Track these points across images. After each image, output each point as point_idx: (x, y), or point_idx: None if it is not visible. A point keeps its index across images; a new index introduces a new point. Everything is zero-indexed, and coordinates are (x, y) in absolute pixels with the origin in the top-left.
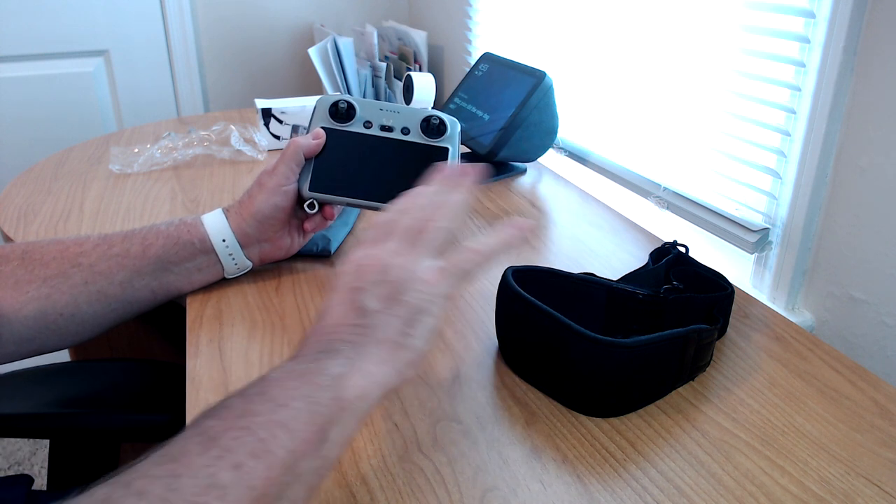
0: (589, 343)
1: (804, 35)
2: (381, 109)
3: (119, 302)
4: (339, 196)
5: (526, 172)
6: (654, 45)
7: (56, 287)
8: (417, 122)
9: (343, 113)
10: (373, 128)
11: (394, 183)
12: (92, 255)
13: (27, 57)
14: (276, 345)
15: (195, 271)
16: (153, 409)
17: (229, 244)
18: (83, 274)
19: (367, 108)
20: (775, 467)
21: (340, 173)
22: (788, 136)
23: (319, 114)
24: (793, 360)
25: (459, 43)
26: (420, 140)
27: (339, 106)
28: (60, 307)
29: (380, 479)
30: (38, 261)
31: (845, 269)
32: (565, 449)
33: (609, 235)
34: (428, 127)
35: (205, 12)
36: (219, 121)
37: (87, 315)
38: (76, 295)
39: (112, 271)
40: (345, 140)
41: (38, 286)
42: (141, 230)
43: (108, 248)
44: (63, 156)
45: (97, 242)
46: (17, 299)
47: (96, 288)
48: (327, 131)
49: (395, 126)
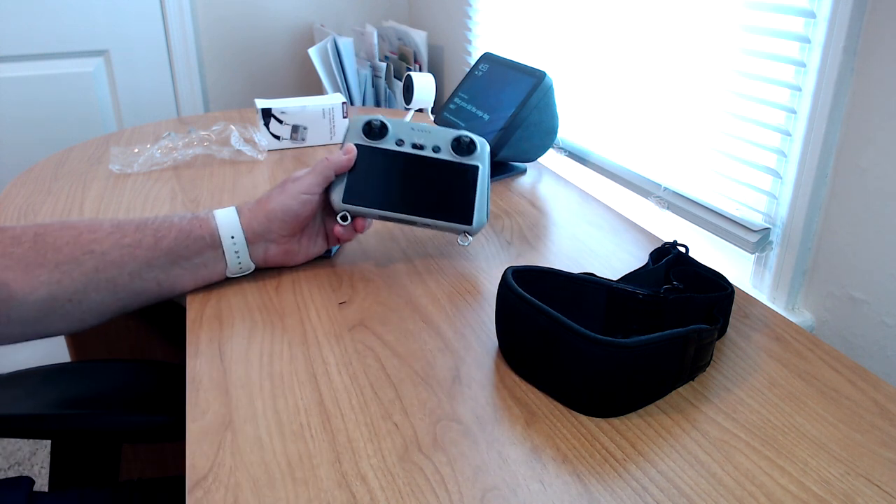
0: (589, 343)
1: (804, 35)
2: (413, 129)
3: (126, 292)
4: (371, 208)
5: (526, 172)
6: (654, 44)
7: (67, 273)
8: (448, 141)
9: (376, 131)
10: (404, 146)
11: (425, 197)
12: (105, 242)
13: (27, 57)
14: (276, 345)
15: (201, 266)
16: (153, 410)
17: (237, 241)
18: (95, 261)
19: (398, 127)
20: (775, 467)
21: (373, 187)
22: (788, 135)
23: (353, 132)
24: (793, 360)
25: (459, 43)
26: (451, 158)
27: (372, 124)
28: (70, 293)
29: (380, 479)
30: (50, 245)
31: (845, 269)
32: (565, 449)
33: (609, 235)
34: (458, 146)
35: (205, 12)
36: (219, 121)
37: (94, 302)
38: (86, 282)
39: (124, 261)
40: (378, 156)
41: (49, 271)
42: (154, 220)
43: (121, 236)
44: (63, 156)
45: (110, 230)
46: (29, 283)
47: (106, 276)
48: (360, 148)
49: (427, 144)
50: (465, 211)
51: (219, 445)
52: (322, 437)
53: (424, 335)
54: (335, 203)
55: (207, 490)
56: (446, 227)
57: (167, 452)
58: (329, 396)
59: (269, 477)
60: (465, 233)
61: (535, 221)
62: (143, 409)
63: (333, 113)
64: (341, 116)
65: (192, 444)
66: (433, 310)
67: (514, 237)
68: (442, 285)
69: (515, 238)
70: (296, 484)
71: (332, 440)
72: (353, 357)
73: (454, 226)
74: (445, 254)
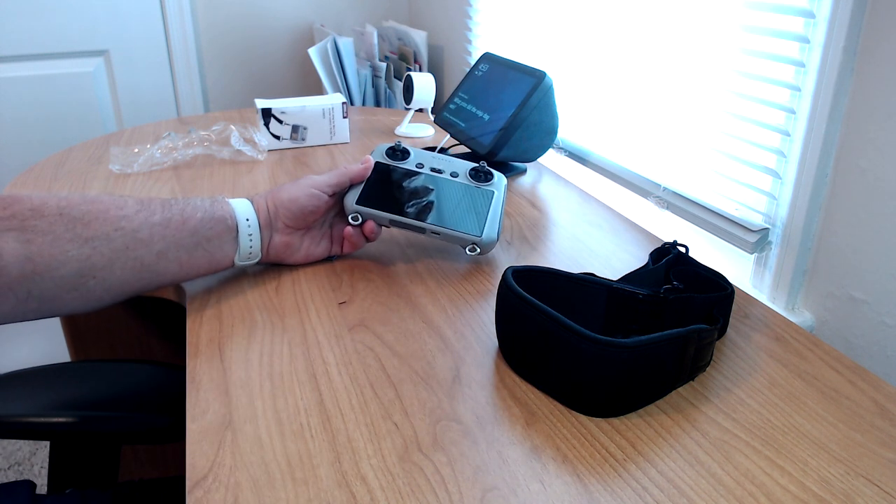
0: (589, 343)
1: (804, 35)
2: (434, 157)
3: (149, 272)
4: (382, 212)
5: (526, 172)
6: (653, 44)
7: (97, 249)
8: (466, 169)
9: (399, 154)
10: (424, 168)
11: (437, 208)
12: (134, 220)
13: (27, 57)
14: (276, 345)
15: (218, 250)
16: (153, 411)
17: (251, 224)
18: (125, 239)
19: (420, 154)
20: (775, 467)
21: (387, 195)
22: (788, 136)
23: (377, 153)
24: (793, 360)
25: (459, 43)
26: (467, 182)
27: (395, 147)
28: (97, 270)
29: (380, 479)
30: (78, 219)
31: (845, 269)
32: (565, 449)
33: (609, 235)
34: (476, 174)
35: (205, 12)
36: (219, 121)
37: (117, 280)
38: (115, 259)
39: (153, 240)
40: (398, 173)
41: (79, 246)
42: (178, 202)
43: (149, 214)
44: (63, 156)
45: (137, 208)
46: (56, 258)
47: (135, 255)
48: (382, 165)
49: (445, 170)
50: (476, 224)
51: (219, 445)
52: (322, 437)
53: (424, 335)
54: (348, 204)
55: (207, 490)
56: (455, 236)
57: (167, 453)
58: (329, 396)
59: (269, 477)
60: (473, 244)
61: (535, 221)
62: (142, 410)
63: (333, 113)
64: (341, 116)
65: (192, 444)
66: (433, 310)
67: (514, 237)
68: (442, 285)
69: (515, 238)
70: (296, 484)
71: (332, 440)
72: (353, 357)
73: (463, 235)
74: (445, 254)
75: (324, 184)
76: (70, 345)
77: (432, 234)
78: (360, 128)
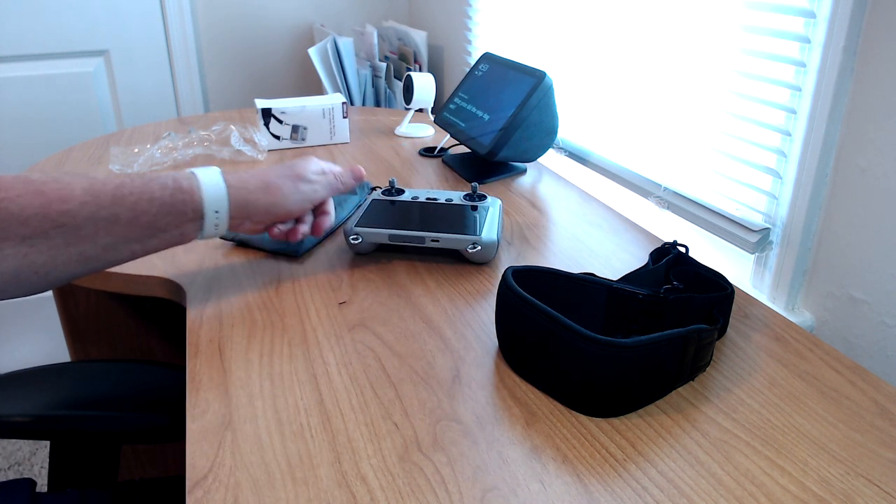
0: (589, 343)
1: (804, 35)
2: (428, 191)
3: (98, 262)
4: (382, 229)
5: (526, 172)
6: (654, 44)
7: (35, 247)
8: (460, 195)
9: (393, 191)
10: (419, 198)
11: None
12: (78, 215)
13: (27, 57)
14: (276, 345)
15: (177, 236)
16: (153, 411)
17: (220, 215)
18: (66, 236)
19: (414, 191)
20: (775, 467)
21: (387, 218)
22: (788, 135)
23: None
24: (793, 360)
25: (459, 43)
26: (461, 202)
27: (391, 184)
28: (37, 266)
29: (380, 479)
30: (15, 215)
31: (845, 269)
32: (565, 449)
33: (609, 235)
34: (471, 196)
35: (205, 12)
36: (219, 121)
37: (62, 273)
38: (55, 256)
39: (98, 235)
40: (395, 204)
41: (15, 245)
42: (132, 192)
43: (96, 208)
44: (63, 156)
45: (83, 199)
46: None
47: (78, 250)
48: (377, 201)
49: (440, 198)
50: (475, 229)
51: (219, 445)
52: (322, 437)
53: (424, 335)
54: (348, 228)
55: (207, 490)
56: (454, 239)
57: (167, 452)
58: (329, 396)
59: (269, 477)
60: (473, 242)
61: (535, 221)
62: (142, 410)
63: (333, 113)
64: (341, 116)
65: (192, 444)
66: (433, 310)
67: (514, 237)
68: (442, 285)
69: (515, 238)
70: (296, 484)
71: (332, 440)
72: (353, 357)
73: (462, 237)
74: (445, 254)
75: (319, 199)
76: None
77: (432, 243)
78: (360, 128)
